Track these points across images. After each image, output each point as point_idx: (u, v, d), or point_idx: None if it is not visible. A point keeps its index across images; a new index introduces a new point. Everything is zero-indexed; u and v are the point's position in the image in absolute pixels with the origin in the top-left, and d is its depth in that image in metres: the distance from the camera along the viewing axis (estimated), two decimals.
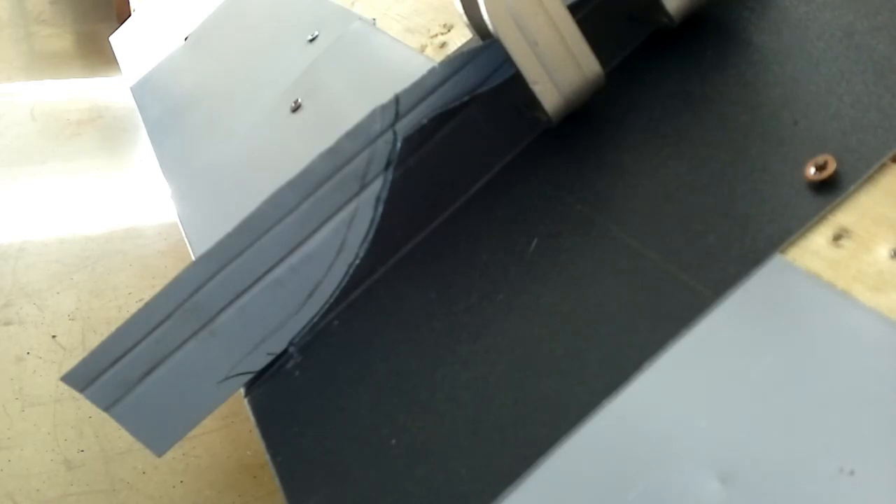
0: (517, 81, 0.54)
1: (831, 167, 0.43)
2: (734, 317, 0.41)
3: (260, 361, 0.58)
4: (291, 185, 0.55)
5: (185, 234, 0.82)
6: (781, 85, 0.50)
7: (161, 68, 1.15)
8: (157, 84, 1.14)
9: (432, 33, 0.75)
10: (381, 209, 0.57)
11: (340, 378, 0.55)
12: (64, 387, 0.55)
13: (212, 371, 0.57)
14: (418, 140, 0.57)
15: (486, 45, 0.55)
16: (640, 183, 0.51)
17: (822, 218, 0.42)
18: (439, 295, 0.54)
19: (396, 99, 0.55)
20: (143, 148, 1.81)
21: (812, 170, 0.44)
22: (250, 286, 0.56)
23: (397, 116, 0.56)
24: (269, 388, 0.58)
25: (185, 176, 0.91)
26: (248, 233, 0.55)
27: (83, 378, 0.55)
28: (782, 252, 0.42)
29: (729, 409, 0.39)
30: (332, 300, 0.58)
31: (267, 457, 0.54)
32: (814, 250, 0.41)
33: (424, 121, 0.56)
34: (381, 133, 0.56)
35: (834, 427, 0.35)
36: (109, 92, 2.11)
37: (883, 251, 0.39)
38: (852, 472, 0.34)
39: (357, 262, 0.58)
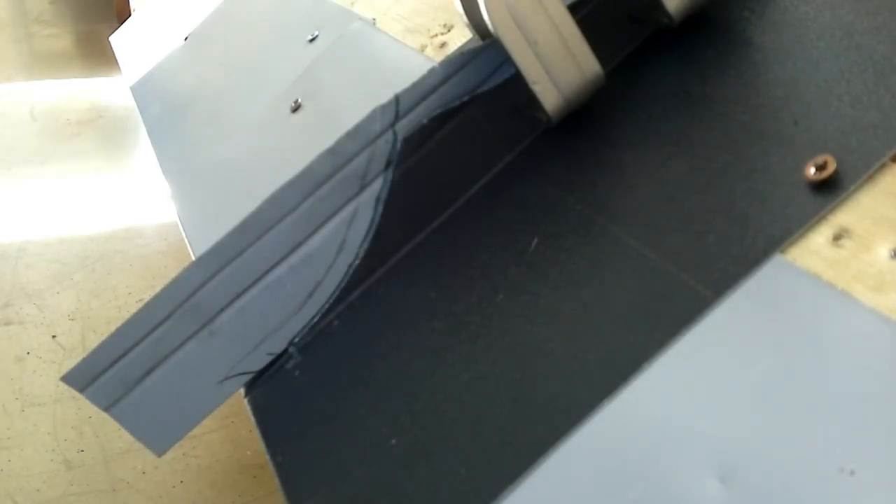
0: (517, 81, 0.54)
1: (831, 167, 0.43)
2: (734, 317, 0.41)
3: (260, 361, 0.58)
4: (291, 185, 0.55)
5: (185, 234, 0.82)
6: (781, 85, 0.50)
7: (161, 68, 1.15)
8: (157, 84, 1.13)
9: (432, 33, 0.75)
10: (381, 209, 0.57)
11: (340, 378, 0.55)
12: (64, 387, 0.55)
13: (212, 371, 0.57)
14: (418, 140, 0.57)
15: (486, 45, 0.55)
16: (640, 183, 0.51)
17: (822, 218, 0.42)
18: (439, 295, 0.54)
19: (396, 99, 0.55)
20: (143, 148, 1.81)
21: (812, 170, 0.44)
22: (250, 286, 0.56)
23: (397, 116, 0.56)
24: (269, 388, 0.58)
25: (185, 176, 0.91)
26: (248, 233, 0.55)
27: (83, 378, 0.55)
28: (782, 252, 0.42)
29: (729, 409, 0.39)
30: (332, 300, 0.58)
31: (267, 457, 0.54)
32: (814, 250, 0.41)
33: (424, 121, 0.56)
34: (381, 133, 0.56)
35: (834, 427, 0.35)
36: (109, 92, 2.11)
37: (883, 251, 0.39)
38: (852, 472, 0.34)
39: (357, 262, 0.58)
